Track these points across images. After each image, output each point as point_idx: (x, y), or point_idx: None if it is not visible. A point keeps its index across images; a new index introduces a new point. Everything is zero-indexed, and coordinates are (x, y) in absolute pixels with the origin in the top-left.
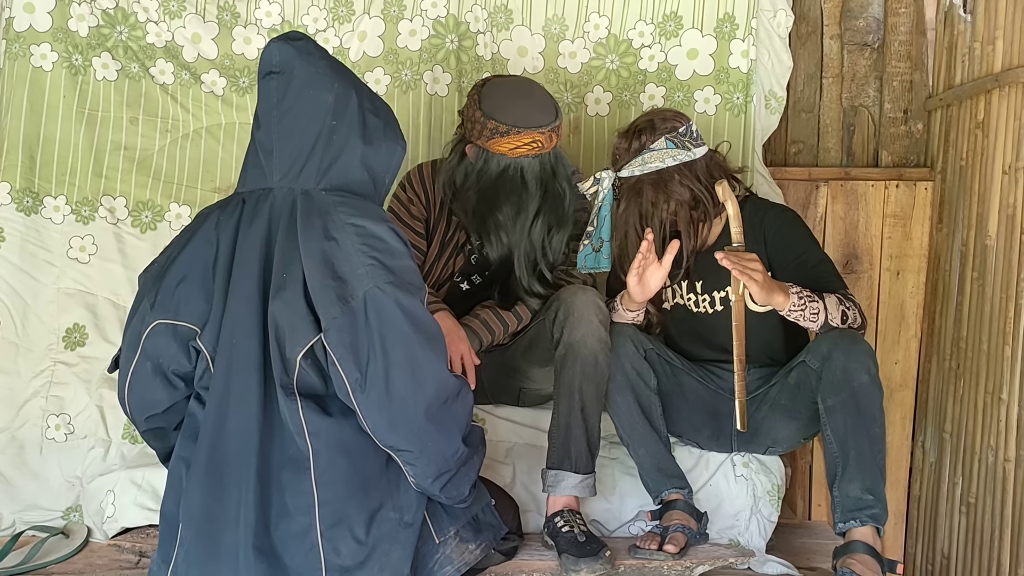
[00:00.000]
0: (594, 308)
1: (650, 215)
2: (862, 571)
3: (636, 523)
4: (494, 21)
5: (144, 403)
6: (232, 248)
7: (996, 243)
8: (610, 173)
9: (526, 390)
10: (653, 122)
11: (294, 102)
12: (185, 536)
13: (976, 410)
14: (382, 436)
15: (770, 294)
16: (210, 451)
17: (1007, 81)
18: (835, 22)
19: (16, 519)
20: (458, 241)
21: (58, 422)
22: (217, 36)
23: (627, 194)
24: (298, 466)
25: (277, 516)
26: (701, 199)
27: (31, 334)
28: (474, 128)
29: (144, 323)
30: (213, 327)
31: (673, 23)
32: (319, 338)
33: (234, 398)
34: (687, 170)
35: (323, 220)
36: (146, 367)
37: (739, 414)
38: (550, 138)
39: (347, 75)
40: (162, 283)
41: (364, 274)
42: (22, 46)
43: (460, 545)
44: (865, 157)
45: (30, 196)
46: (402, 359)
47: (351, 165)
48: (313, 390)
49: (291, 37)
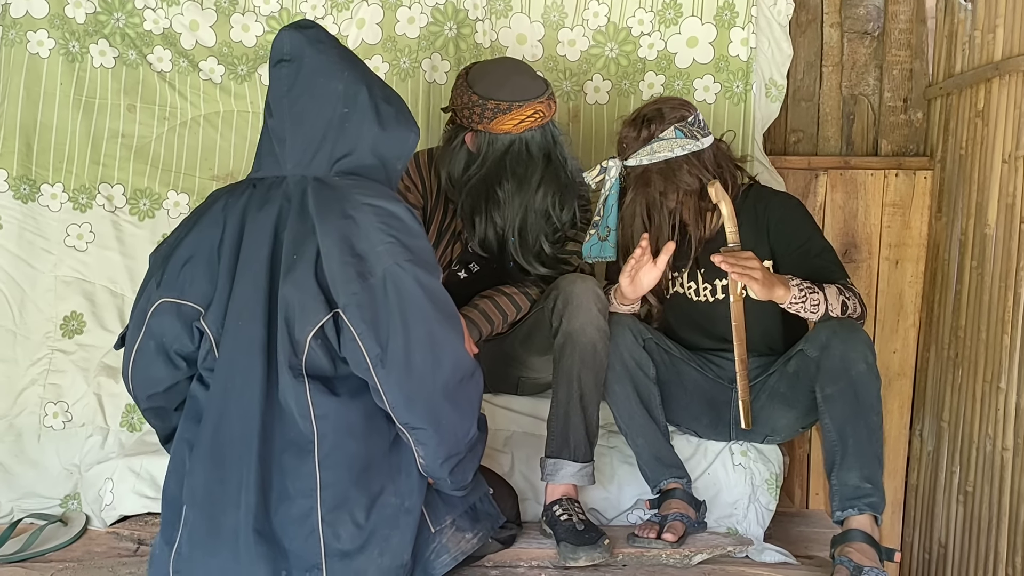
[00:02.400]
0: (593, 297)
1: (658, 205)
2: (860, 560)
3: (634, 512)
4: (493, 8)
5: (146, 381)
6: (239, 230)
7: (995, 232)
8: (617, 162)
9: (525, 379)
10: (662, 111)
11: (305, 90)
12: (189, 517)
13: (974, 399)
14: (400, 413)
15: (771, 289)
16: (213, 432)
17: (1007, 70)
18: (835, 10)
19: (14, 507)
20: (455, 229)
21: (56, 410)
22: (215, 23)
23: (635, 183)
24: (300, 449)
25: (277, 499)
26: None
27: (29, 322)
28: (472, 114)
29: (150, 301)
30: (217, 308)
31: (673, 11)
32: (330, 318)
33: (237, 380)
34: (695, 160)
35: (339, 201)
36: (149, 345)
37: (743, 414)
38: (549, 106)
39: (357, 63)
40: (169, 263)
41: (384, 251)
42: (19, 32)
43: (456, 534)
44: (865, 146)
45: (27, 184)
46: (422, 335)
47: (363, 152)
48: (321, 372)
49: (302, 25)
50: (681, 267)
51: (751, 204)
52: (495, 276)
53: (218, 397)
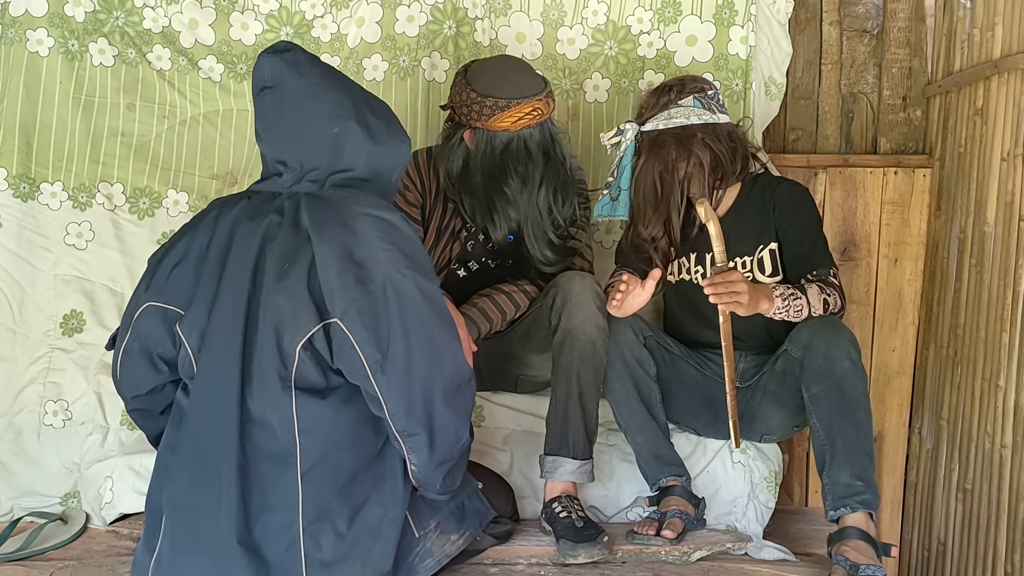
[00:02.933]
0: (592, 294)
1: (671, 169)
2: (856, 557)
3: (634, 509)
4: (492, 7)
5: (131, 383)
6: (228, 239)
7: (994, 230)
8: (634, 125)
9: (524, 377)
10: (684, 80)
11: (292, 114)
12: (168, 526)
13: (973, 397)
14: (399, 420)
15: (755, 306)
16: (194, 440)
17: (1006, 68)
18: (834, 8)
19: (14, 505)
20: (454, 228)
21: (56, 408)
22: (214, 22)
23: (648, 147)
24: (280, 461)
25: (258, 510)
26: (721, 162)
27: (28, 320)
28: (471, 112)
29: (137, 304)
30: (196, 315)
31: (672, 9)
32: (320, 329)
33: (216, 389)
34: (711, 131)
35: (336, 212)
36: (134, 347)
37: (733, 434)
38: (547, 104)
39: (340, 80)
40: (159, 267)
41: (383, 258)
42: (18, 31)
43: (441, 537)
44: (864, 144)
45: (27, 182)
46: (423, 341)
47: (358, 168)
48: (310, 383)
49: (279, 49)
50: (688, 251)
51: (759, 191)
52: (494, 275)
53: (198, 405)
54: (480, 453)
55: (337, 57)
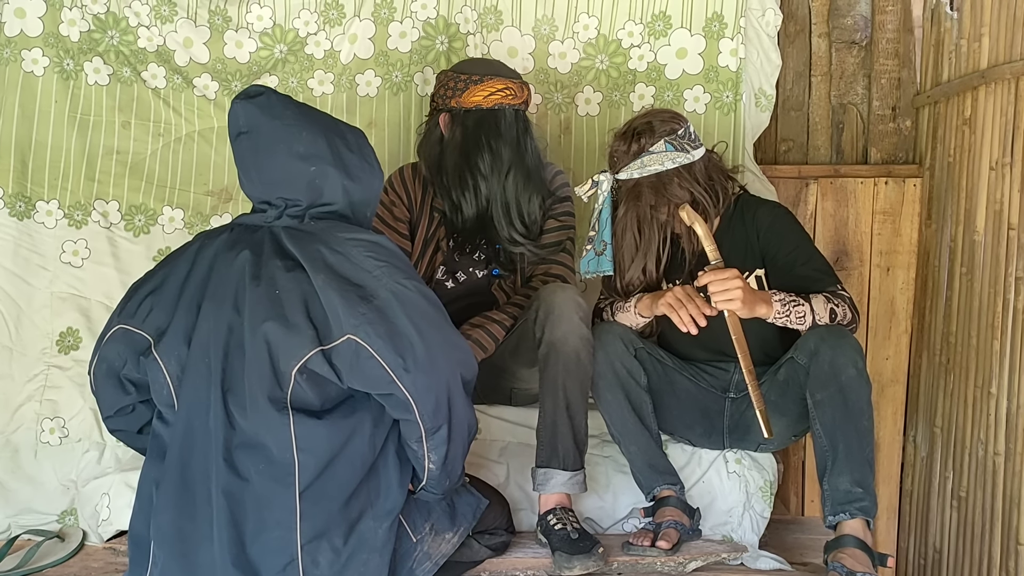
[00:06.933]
0: (574, 305)
1: (649, 218)
2: (852, 565)
3: (629, 520)
4: (484, 22)
5: (102, 402)
6: (207, 270)
7: (984, 238)
8: (608, 176)
9: (517, 390)
10: (652, 124)
11: (268, 157)
12: (158, 556)
13: (966, 404)
14: (427, 418)
15: (753, 308)
16: (179, 469)
17: (993, 77)
18: (823, 20)
19: (11, 523)
20: (439, 237)
21: (52, 426)
22: (209, 40)
23: (626, 197)
24: (278, 482)
25: (254, 531)
26: (701, 200)
27: (25, 338)
28: (445, 93)
29: (109, 327)
30: (173, 343)
31: (662, 23)
32: (316, 353)
33: (199, 416)
34: (686, 172)
35: (321, 241)
36: (102, 368)
37: (762, 423)
38: (521, 88)
39: (314, 119)
40: (135, 293)
41: (380, 275)
42: (13, 51)
43: (437, 538)
44: (854, 154)
45: (23, 201)
46: (439, 340)
47: (335, 203)
48: (306, 404)
49: (251, 94)
50: (676, 280)
51: (739, 214)
52: (483, 285)
53: (180, 433)
54: (476, 466)
55: (331, 73)
